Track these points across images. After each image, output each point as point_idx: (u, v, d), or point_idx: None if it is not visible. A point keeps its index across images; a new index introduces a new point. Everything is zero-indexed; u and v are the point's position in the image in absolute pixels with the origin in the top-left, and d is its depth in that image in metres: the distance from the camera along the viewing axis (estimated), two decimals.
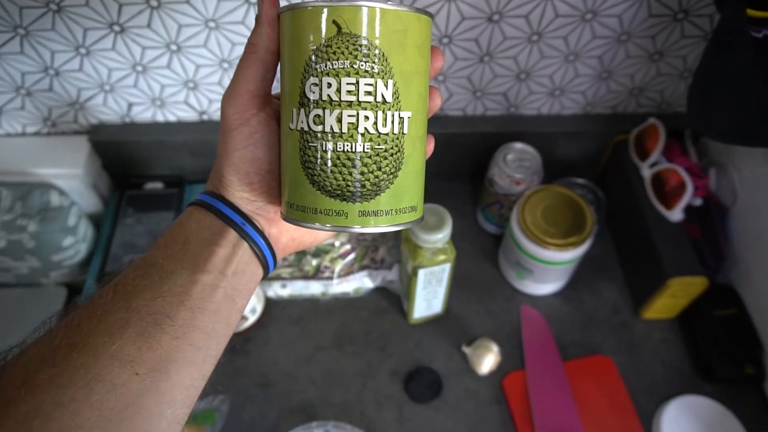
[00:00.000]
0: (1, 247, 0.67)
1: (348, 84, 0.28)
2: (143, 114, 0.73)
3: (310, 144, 0.29)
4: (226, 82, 0.69)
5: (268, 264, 0.34)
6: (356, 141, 0.28)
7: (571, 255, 0.65)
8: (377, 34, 0.28)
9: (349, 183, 0.29)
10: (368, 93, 0.28)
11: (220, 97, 0.72)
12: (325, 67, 0.28)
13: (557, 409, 0.63)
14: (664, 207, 0.68)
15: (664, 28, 0.65)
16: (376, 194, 0.29)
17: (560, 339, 0.69)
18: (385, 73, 0.28)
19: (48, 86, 0.67)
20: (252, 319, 0.67)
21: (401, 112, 0.29)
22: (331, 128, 0.28)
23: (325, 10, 0.27)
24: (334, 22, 0.27)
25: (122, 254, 0.72)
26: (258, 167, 0.32)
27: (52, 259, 0.70)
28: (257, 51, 0.30)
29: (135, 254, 0.72)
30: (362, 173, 0.29)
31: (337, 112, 0.28)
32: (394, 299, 0.71)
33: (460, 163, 0.80)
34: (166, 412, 0.27)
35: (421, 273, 0.59)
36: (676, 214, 0.67)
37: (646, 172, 0.70)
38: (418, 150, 0.31)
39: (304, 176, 0.30)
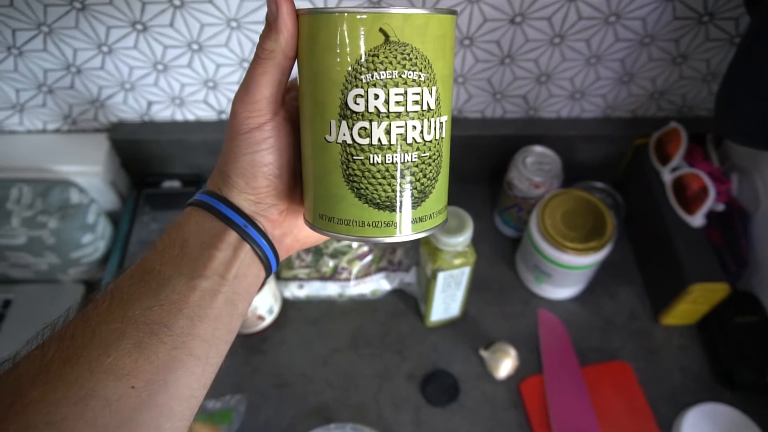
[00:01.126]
0: (21, 243, 0.68)
1: (396, 95, 0.27)
2: (162, 113, 0.74)
3: (354, 157, 0.28)
4: None
5: (271, 266, 0.33)
6: (405, 152, 0.28)
7: (590, 260, 0.64)
8: (424, 41, 0.27)
9: (398, 193, 0.28)
10: (416, 102, 0.27)
11: None
12: (372, 77, 0.27)
13: (575, 415, 0.63)
14: (685, 212, 0.67)
15: (688, 31, 0.64)
16: (423, 201, 0.29)
17: (578, 344, 0.68)
18: (430, 81, 0.27)
19: (69, 84, 0.68)
20: (269, 319, 0.67)
21: (441, 117, 0.29)
22: (379, 140, 0.27)
23: (371, 17, 0.26)
24: (381, 30, 0.26)
25: (139, 252, 0.72)
26: (267, 172, 0.31)
27: (71, 256, 0.71)
28: (274, 57, 0.28)
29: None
30: (410, 182, 0.29)
31: (385, 124, 0.27)
32: (411, 301, 0.71)
33: (478, 165, 0.80)
34: (164, 425, 0.26)
35: (441, 276, 0.59)
36: (697, 220, 0.66)
37: (667, 177, 0.69)
38: (448, 151, 0.31)
39: (348, 190, 0.29)
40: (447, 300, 0.64)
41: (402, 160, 0.28)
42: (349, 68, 0.27)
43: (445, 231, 0.56)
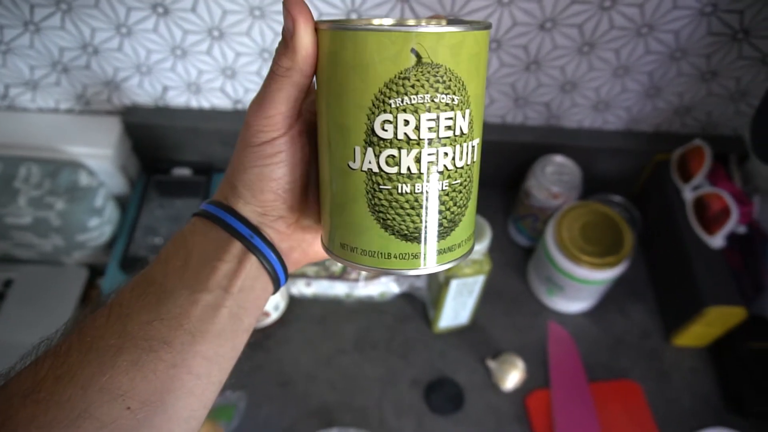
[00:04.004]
0: (26, 222, 0.66)
1: (428, 120, 0.25)
2: (177, 99, 0.72)
3: (381, 187, 0.26)
4: (265, 71, 0.67)
5: (279, 279, 0.31)
6: (436, 180, 0.26)
7: (605, 275, 0.63)
8: (458, 62, 0.24)
9: (427, 224, 0.27)
10: (448, 128, 0.25)
11: (257, 87, 0.70)
12: (402, 102, 0.24)
13: None
14: (705, 232, 0.65)
15: (720, 47, 0.63)
16: (452, 230, 0.27)
17: (587, 360, 0.67)
18: (464, 104, 0.25)
19: (85, 63, 0.66)
20: (274, 315, 0.65)
21: (473, 141, 0.27)
22: (409, 169, 0.25)
23: (402, 36, 0.23)
24: (413, 50, 0.24)
25: (146, 239, 0.71)
26: (275, 186, 0.29)
27: (77, 238, 0.69)
28: (290, 76, 0.26)
29: (157, 239, 0.71)
30: (440, 212, 0.27)
31: (415, 151, 0.25)
32: (418, 306, 0.70)
33: (495, 171, 0.78)
34: None
35: (454, 283, 0.58)
36: (717, 241, 0.64)
37: (689, 195, 0.68)
38: (478, 174, 0.29)
39: (374, 220, 0.27)
40: (457, 307, 0.63)
41: (432, 190, 0.26)
42: (377, 92, 0.24)
43: None
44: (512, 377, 0.63)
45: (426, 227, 0.27)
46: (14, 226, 0.67)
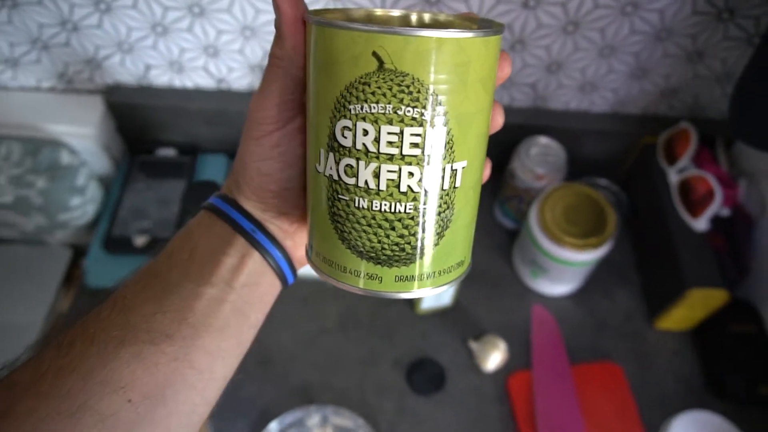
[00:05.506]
0: (8, 201, 0.66)
1: (389, 134, 0.22)
2: (160, 78, 0.72)
3: (339, 196, 0.24)
4: (248, 50, 0.67)
5: (285, 275, 0.31)
6: (397, 200, 0.23)
7: (588, 257, 0.63)
8: (431, 72, 0.22)
9: (385, 246, 0.24)
10: (414, 145, 0.22)
11: (240, 66, 0.69)
12: (361, 109, 0.22)
13: (561, 413, 0.61)
14: (689, 215, 0.65)
15: (706, 28, 0.62)
16: (419, 258, 0.25)
17: (570, 342, 0.67)
18: (438, 121, 0.23)
19: (65, 41, 0.66)
20: None
21: (454, 164, 0.23)
22: (366, 183, 0.23)
23: (364, 37, 0.21)
24: (374, 54, 0.21)
25: (129, 219, 0.71)
26: (274, 182, 0.29)
27: (59, 218, 0.69)
28: (283, 66, 0.26)
29: (141, 220, 0.71)
30: (402, 236, 0.24)
31: (374, 165, 0.23)
32: None
33: None
34: None
35: None
36: (701, 223, 0.64)
37: (674, 178, 0.68)
38: (471, 200, 0.25)
39: (333, 230, 0.25)
40: None
41: (391, 210, 0.24)
42: (338, 94, 0.23)
43: None
44: (494, 358, 0.63)
45: (384, 249, 0.24)
46: None
